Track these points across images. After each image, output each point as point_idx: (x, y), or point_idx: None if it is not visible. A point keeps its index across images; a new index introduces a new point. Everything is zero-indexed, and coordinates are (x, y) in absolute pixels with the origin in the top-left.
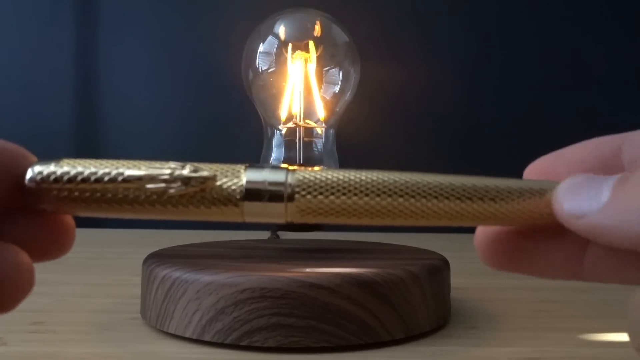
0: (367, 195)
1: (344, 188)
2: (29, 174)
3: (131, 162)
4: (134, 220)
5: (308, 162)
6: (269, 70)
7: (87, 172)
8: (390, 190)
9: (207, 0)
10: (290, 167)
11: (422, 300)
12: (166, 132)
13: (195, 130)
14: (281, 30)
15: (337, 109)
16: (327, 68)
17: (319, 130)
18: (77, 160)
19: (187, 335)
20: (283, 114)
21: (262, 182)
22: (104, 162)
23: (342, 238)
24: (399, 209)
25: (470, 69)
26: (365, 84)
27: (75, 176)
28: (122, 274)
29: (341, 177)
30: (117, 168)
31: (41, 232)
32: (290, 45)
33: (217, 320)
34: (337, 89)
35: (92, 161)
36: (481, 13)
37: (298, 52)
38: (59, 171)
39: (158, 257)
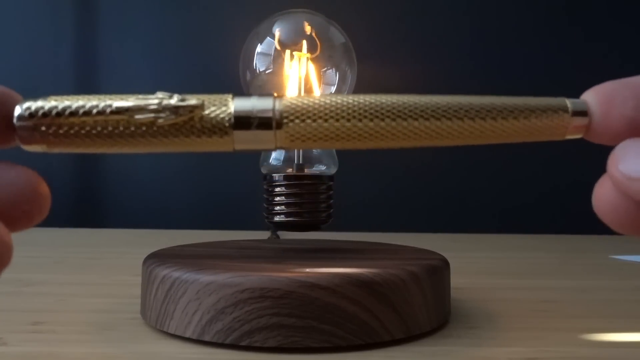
0: (356, 118)
1: (333, 112)
2: (17, 111)
3: (119, 95)
4: (134, 220)
5: (307, 161)
6: (267, 71)
7: (75, 106)
8: (380, 112)
9: (207, 1)
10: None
11: (422, 300)
12: None
13: None
14: (278, 31)
15: None
16: (324, 69)
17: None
18: (65, 96)
19: (187, 335)
20: None
21: (250, 110)
22: (91, 96)
23: (342, 238)
24: (390, 131)
25: (467, 70)
26: (362, 84)
27: (63, 110)
28: (122, 274)
29: (329, 101)
30: (104, 101)
31: (13, 199)
32: (287, 46)
33: (217, 320)
34: (333, 89)
35: (80, 96)
36: (478, 13)
37: (295, 53)
38: (47, 106)
39: (158, 257)
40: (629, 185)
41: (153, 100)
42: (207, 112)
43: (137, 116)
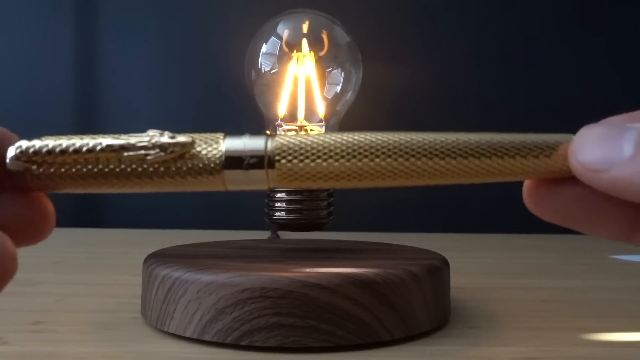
0: (350, 155)
1: (326, 150)
2: (11, 151)
3: (111, 135)
4: (134, 220)
5: None
6: (271, 71)
7: (65, 144)
8: (376, 150)
9: (209, 0)
10: (270, 133)
11: (422, 300)
12: (167, 130)
13: (197, 129)
14: (283, 31)
15: (339, 109)
16: (329, 69)
17: (319, 130)
18: (58, 136)
19: (188, 335)
20: (285, 114)
21: (242, 150)
22: (84, 136)
23: (342, 238)
24: (387, 169)
25: (473, 68)
26: (368, 84)
27: (54, 148)
28: (122, 274)
29: (322, 140)
30: (95, 139)
31: (20, 216)
32: (292, 46)
33: (217, 320)
34: (338, 89)
35: (73, 136)
36: (484, 12)
37: (300, 53)
38: (38, 144)
39: (158, 257)
40: (590, 177)
41: (143, 138)
42: (197, 149)
43: (127, 153)
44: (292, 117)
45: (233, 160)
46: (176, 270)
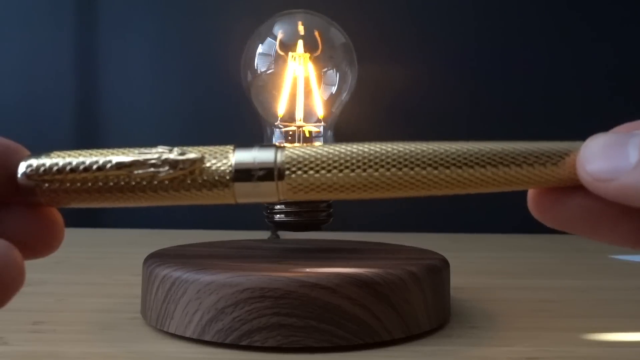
0: (360, 168)
1: (336, 162)
2: (21, 168)
3: (120, 150)
4: (134, 220)
5: None
6: (268, 72)
7: (75, 162)
8: (385, 161)
9: (207, 1)
10: (279, 145)
11: (422, 300)
12: (166, 132)
13: (196, 130)
14: (279, 31)
15: (335, 110)
16: (325, 69)
17: (316, 131)
18: (68, 152)
19: (187, 335)
20: (282, 115)
21: (252, 162)
22: (93, 152)
23: (342, 238)
24: (396, 181)
25: (469, 69)
26: (364, 84)
27: (64, 167)
28: (122, 274)
29: (332, 151)
30: (105, 156)
31: (30, 230)
32: (288, 46)
33: (217, 320)
34: (334, 89)
35: (82, 151)
36: (481, 12)
37: (296, 54)
38: (49, 163)
39: (158, 257)
40: (599, 187)
41: (153, 155)
42: (207, 164)
43: (137, 171)
44: (289, 117)
45: (243, 174)
46: (176, 270)
